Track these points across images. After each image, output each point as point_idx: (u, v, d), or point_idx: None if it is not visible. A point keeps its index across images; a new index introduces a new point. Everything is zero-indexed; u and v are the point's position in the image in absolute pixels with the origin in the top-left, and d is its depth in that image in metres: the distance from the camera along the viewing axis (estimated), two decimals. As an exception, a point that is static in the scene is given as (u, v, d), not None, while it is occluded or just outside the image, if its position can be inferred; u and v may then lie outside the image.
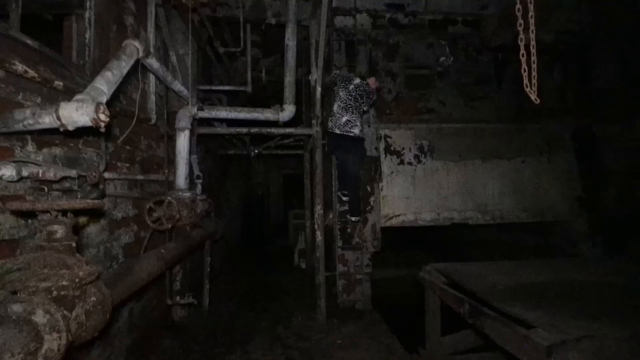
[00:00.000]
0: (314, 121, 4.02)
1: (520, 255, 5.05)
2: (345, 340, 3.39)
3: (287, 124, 4.00)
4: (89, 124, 1.51)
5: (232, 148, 6.15)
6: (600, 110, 4.96)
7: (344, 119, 3.83)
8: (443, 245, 6.48)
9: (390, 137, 4.63)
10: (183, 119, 3.31)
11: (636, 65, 4.76)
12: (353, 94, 3.86)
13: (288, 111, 3.64)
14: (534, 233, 5.31)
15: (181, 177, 3.26)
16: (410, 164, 4.60)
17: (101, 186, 2.22)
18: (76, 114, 1.46)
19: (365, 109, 4.07)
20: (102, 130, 1.57)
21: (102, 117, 1.51)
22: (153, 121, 3.18)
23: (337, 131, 3.85)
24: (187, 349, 3.23)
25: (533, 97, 1.67)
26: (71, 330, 1.39)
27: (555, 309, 1.82)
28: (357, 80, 3.91)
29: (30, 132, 1.68)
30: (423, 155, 4.65)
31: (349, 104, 3.85)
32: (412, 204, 4.51)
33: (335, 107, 3.94)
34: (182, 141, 3.28)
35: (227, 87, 4.32)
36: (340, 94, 3.91)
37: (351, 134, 3.83)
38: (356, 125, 3.86)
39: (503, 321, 1.79)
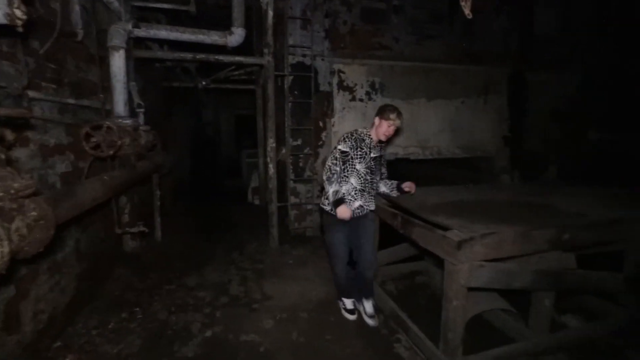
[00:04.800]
0: (265, 50, 3.83)
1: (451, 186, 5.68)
2: (296, 260, 3.72)
3: (237, 51, 3.77)
4: (3, 20, 1.32)
5: (177, 80, 5.68)
6: (535, 58, 5.37)
7: None
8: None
9: (343, 73, 4.62)
10: (116, 36, 2.96)
11: (571, 17, 5.12)
12: None
13: (237, 35, 3.41)
14: (465, 168, 5.96)
15: (120, 104, 3.03)
16: (361, 100, 4.70)
17: (25, 103, 2.01)
18: (-17, 6, 1.27)
19: None
20: (19, 29, 1.39)
21: (18, 12, 1.33)
22: (80, 37, 2.81)
23: None
24: (142, 275, 3.32)
25: (467, 11, 1.77)
26: (13, 241, 1.38)
27: (470, 218, 2.17)
28: None
29: None
30: (374, 93, 4.76)
31: None
32: (362, 140, 4.71)
33: None
34: (117, 62, 2.98)
35: (166, 5, 3.82)
36: None
37: None
38: None
39: (427, 227, 2.12)
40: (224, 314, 2.69)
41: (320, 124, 4.51)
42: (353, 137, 2.41)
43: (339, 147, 2.39)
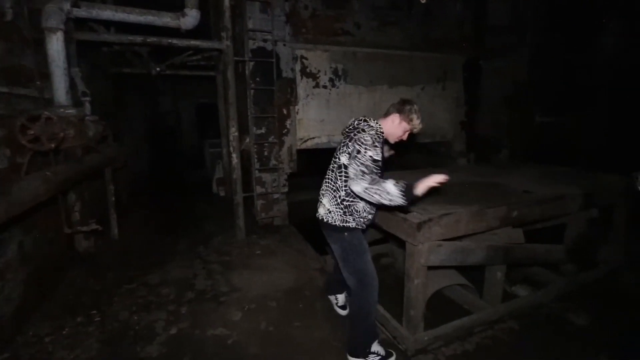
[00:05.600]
0: (223, 34, 3.66)
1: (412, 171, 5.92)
2: (264, 251, 3.69)
3: (193, 35, 3.56)
4: None
5: (128, 66, 5.27)
6: (488, 46, 5.62)
7: None
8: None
9: (306, 59, 4.55)
10: (53, 16, 2.67)
11: (521, 8, 5.38)
12: None
13: (191, 17, 3.22)
14: (425, 153, 6.20)
15: (60, 91, 2.76)
16: (325, 87, 4.67)
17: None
18: None
19: None
20: None
21: None
22: (9, 17, 2.50)
23: None
24: (99, 276, 3.13)
25: None
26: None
27: (428, 201, 2.26)
28: None
29: None
30: (337, 80, 4.75)
31: None
32: (326, 127, 4.72)
33: None
34: (55, 45, 2.70)
35: (110, -17, 3.52)
36: None
37: None
38: None
39: (388, 212, 2.17)
40: (189, 310, 2.62)
41: (284, 111, 4.43)
42: (381, 140, 1.89)
43: (369, 153, 1.77)
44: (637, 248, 3.34)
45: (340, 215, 1.94)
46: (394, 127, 1.94)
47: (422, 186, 1.68)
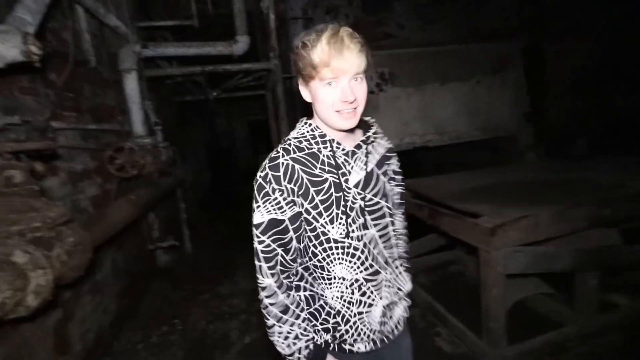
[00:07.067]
0: (271, 54, 3.83)
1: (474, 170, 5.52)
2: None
3: (243, 59, 3.79)
4: (20, 58, 1.37)
5: (189, 94, 5.78)
6: (550, 28, 5.11)
7: None
8: (404, 170, 6.88)
9: (351, 67, 4.55)
10: (127, 59, 3.04)
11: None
12: None
13: (242, 42, 3.43)
14: (484, 150, 5.75)
15: (138, 124, 3.11)
16: (372, 92, 4.62)
17: (50, 134, 2.09)
18: (3, 46, 1.32)
19: None
20: (37, 64, 1.44)
21: (34, 48, 1.38)
22: (92, 64, 2.90)
23: None
24: (177, 287, 3.41)
25: None
26: (55, 267, 1.44)
27: (500, 202, 2.09)
28: None
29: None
30: (384, 83, 4.67)
31: None
32: (377, 133, 4.64)
33: None
34: (131, 84, 3.05)
35: (170, 23, 3.90)
36: None
37: None
38: None
39: (456, 216, 2.05)
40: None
41: (334, 121, 4.47)
42: (276, 164, 0.89)
43: (257, 218, 0.91)
44: None
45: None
46: (313, 102, 0.90)
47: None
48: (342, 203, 0.90)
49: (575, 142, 5.09)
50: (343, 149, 0.93)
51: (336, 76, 0.82)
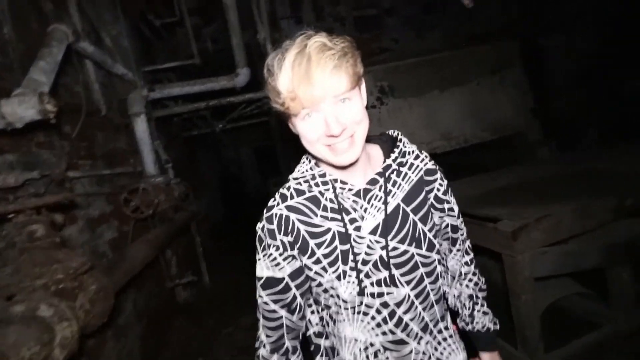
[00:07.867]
0: (271, 82, 3.93)
1: (486, 172, 5.42)
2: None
3: (245, 89, 3.91)
4: (37, 117, 1.44)
5: (195, 128, 5.96)
6: (544, 20, 5.13)
7: None
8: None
9: (350, 85, 4.63)
10: (135, 104, 3.16)
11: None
12: None
13: (243, 75, 3.54)
14: (496, 150, 5.67)
15: (149, 164, 3.19)
16: (374, 107, 4.67)
17: (67, 185, 2.16)
18: (20, 108, 1.40)
19: None
20: (53, 121, 1.51)
21: (49, 107, 1.45)
22: (103, 112, 3.03)
23: None
24: (199, 323, 3.39)
25: (466, 1, 1.73)
26: (79, 317, 1.45)
27: (517, 203, 2.05)
28: None
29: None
30: (385, 97, 4.72)
31: None
32: (382, 146, 4.65)
33: None
34: (141, 127, 3.17)
35: (173, 64, 4.09)
36: None
37: None
38: None
39: (474, 222, 2.01)
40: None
41: (338, 139, 4.51)
42: (270, 215, 0.81)
43: (258, 272, 0.84)
44: None
45: None
46: (293, 129, 0.77)
47: None
48: (351, 257, 0.73)
49: (586, 132, 5.00)
50: (350, 189, 0.74)
51: (310, 107, 0.64)
